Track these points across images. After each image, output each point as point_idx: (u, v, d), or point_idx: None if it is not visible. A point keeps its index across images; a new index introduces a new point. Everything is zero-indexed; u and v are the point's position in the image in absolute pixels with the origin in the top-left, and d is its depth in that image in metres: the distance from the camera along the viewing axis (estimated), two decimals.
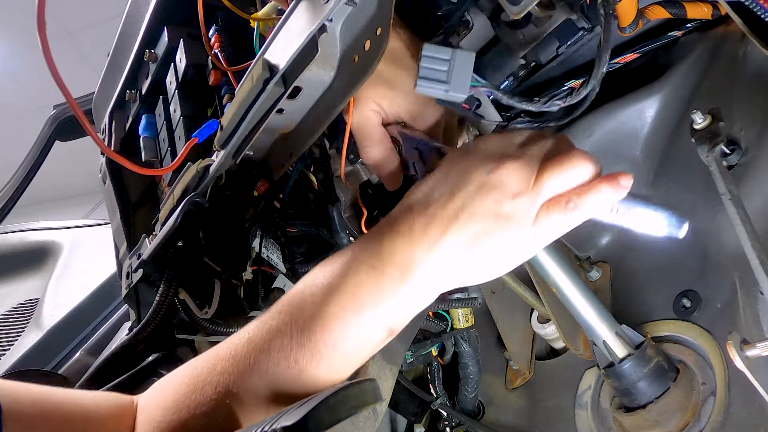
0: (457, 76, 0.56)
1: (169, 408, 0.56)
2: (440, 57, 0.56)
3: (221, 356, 0.56)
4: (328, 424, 0.39)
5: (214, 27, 0.80)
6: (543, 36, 0.62)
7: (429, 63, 0.56)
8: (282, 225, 0.82)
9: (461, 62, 0.56)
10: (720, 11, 0.63)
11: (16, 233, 1.82)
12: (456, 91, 0.56)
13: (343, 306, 0.52)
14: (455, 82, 0.56)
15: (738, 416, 0.61)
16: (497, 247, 0.52)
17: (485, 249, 0.52)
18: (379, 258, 0.52)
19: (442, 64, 0.56)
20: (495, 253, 0.52)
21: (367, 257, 0.53)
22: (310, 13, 0.55)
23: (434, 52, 0.56)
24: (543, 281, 0.71)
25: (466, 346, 0.86)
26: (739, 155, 0.62)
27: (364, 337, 0.53)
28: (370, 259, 0.52)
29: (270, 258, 0.87)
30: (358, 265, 0.53)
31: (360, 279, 0.52)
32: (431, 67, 0.55)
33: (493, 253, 0.52)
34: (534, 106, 0.62)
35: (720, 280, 0.67)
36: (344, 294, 0.52)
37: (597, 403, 0.75)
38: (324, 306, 0.52)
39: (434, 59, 0.56)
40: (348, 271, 0.53)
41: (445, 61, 0.55)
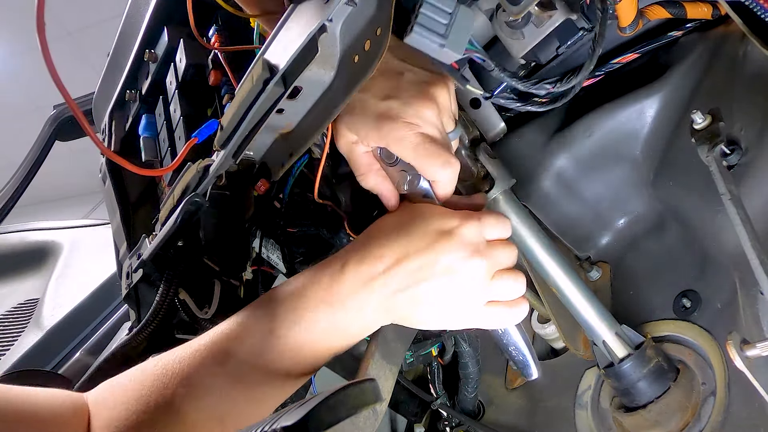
0: (455, 32, 0.52)
1: (122, 406, 0.57)
2: (443, 8, 0.52)
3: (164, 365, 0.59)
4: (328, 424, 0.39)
5: (214, 27, 0.80)
6: (543, 36, 0.62)
7: (429, 11, 0.52)
8: (282, 225, 0.82)
9: (462, 19, 0.53)
10: (720, 11, 0.63)
11: (16, 233, 1.82)
12: (452, 47, 0.53)
13: (298, 339, 0.58)
14: (453, 39, 0.53)
15: (738, 416, 0.61)
16: (439, 302, 0.57)
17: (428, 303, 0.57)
18: (338, 299, 0.57)
19: (443, 16, 0.52)
20: (436, 308, 0.58)
21: (323, 296, 0.58)
22: (310, 13, 0.55)
23: (438, 0, 0.52)
24: (543, 281, 0.70)
25: (466, 346, 0.86)
26: (739, 155, 0.62)
27: (316, 356, 0.59)
28: (326, 297, 0.58)
29: (270, 258, 0.87)
30: (315, 303, 0.58)
31: (317, 317, 0.57)
32: (431, 16, 0.52)
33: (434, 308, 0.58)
34: (523, 84, 0.62)
35: (720, 280, 0.67)
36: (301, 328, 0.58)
37: (597, 403, 0.75)
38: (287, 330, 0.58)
39: (436, 8, 0.52)
40: (306, 307, 0.58)
41: (447, 14, 0.52)
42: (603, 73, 0.70)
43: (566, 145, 0.76)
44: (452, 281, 0.56)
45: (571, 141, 0.75)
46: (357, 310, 0.57)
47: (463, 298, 0.58)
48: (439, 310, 0.58)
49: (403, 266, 0.56)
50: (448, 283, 0.56)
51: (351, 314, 0.57)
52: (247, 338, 0.58)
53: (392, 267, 0.56)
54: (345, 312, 0.57)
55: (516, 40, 0.64)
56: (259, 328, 0.58)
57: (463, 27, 0.53)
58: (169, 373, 0.58)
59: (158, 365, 0.59)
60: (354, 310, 0.57)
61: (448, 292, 0.57)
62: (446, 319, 0.59)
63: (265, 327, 0.58)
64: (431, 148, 0.57)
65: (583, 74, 0.60)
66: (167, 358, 0.60)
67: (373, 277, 0.56)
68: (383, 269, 0.56)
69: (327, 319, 0.57)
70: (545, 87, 0.62)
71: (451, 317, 0.59)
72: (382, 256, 0.56)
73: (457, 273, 0.56)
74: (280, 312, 0.58)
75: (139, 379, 0.59)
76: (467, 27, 0.54)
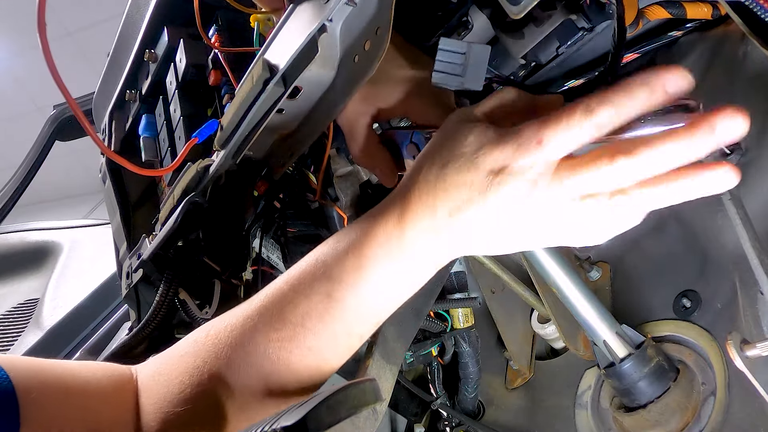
0: (472, 69, 0.55)
1: (177, 380, 0.56)
2: (456, 50, 0.55)
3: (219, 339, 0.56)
4: (328, 424, 0.39)
5: (214, 27, 0.80)
6: (543, 36, 0.62)
7: (444, 57, 0.55)
8: (282, 225, 0.82)
9: (476, 55, 0.55)
10: (720, 11, 0.63)
11: (16, 233, 1.82)
12: (470, 84, 0.56)
13: (361, 298, 0.53)
14: (470, 75, 0.56)
15: (738, 416, 0.61)
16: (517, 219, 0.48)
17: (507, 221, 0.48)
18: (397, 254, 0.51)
19: (457, 57, 0.55)
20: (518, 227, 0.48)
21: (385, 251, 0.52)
22: (310, 13, 0.55)
23: (450, 45, 0.55)
24: (543, 281, 0.71)
25: (466, 346, 0.86)
26: (739, 155, 0.62)
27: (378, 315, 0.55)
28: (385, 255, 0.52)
29: (270, 258, 0.87)
30: (375, 261, 0.52)
31: (379, 274, 0.52)
32: (447, 60, 0.55)
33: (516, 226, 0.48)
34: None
35: (720, 280, 0.67)
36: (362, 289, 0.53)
37: (597, 403, 0.75)
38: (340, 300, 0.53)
39: (450, 53, 0.55)
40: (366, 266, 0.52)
41: (461, 55, 0.55)
42: None
43: None
44: (525, 220, 0.47)
45: None
46: (423, 260, 0.51)
47: (545, 228, 0.48)
48: (521, 240, 0.50)
49: (463, 216, 0.48)
50: (521, 222, 0.47)
51: (417, 265, 0.52)
52: (303, 302, 0.53)
53: (453, 216, 0.49)
54: (409, 265, 0.52)
55: (516, 40, 0.63)
56: (315, 291, 0.53)
57: (478, 63, 0.55)
58: (222, 343, 0.55)
59: (210, 335, 0.57)
60: (420, 261, 0.51)
61: (525, 229, 0.48)
62: (532, 244, 0.51)
63: (321, 290, 0.53)
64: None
65: None
66: (218, 326, 0.57)
67: (436, 228, 0.49)
68: (444, 221, 0.49)
69: (390, 275, 0.52)
70: None
71: (539, 242, 0.50)
72: (436, 207, 0.49)
73: (526, 212, 0.47)
74: (335, 273, 0.53)
75: (191, 351, 0.57)
76: (483, 62, 0.56)
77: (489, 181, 0.47)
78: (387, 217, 0.52)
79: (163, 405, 0.56)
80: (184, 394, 0.55)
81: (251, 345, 0.54)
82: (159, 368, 0.59)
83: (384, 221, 0.52)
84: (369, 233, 0.52)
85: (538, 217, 0.47)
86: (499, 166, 0.46)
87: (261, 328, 0.54)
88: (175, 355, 0.59)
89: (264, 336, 0.54)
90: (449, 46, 0.55)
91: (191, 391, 0.55)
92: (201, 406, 0.54)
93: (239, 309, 0.57)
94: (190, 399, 0.54)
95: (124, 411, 0.57)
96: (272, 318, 0.54)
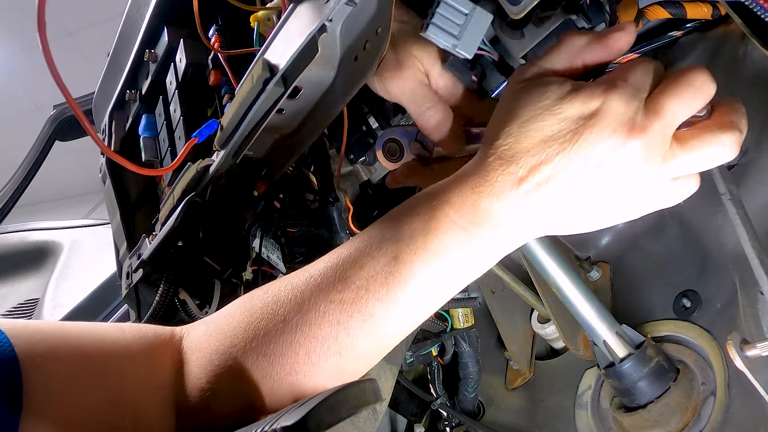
0: (469, 33, 0.53)
1: (230, 333, 0.52)
2: (459, 8, 0.53)
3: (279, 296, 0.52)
4: (328, 424, 0.39)
5: (213, 27, 0.80)
6: (543, 36, 0.62)
7: (445, 11, 0.53)
8: (282, 225, 0.82)
9: (477, 21, 0.53)
10: (720, 11, 0.63)
11: (16, 233, 1.82)
12: (463, 48, 0.53)
13: (427, 265, 0.48)
14: (465, 39, 0.53)
15: (738, 416, 0.61)
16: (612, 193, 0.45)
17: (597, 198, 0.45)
18: (471, 218, 0.47)
19: (459, 16, 0.53)
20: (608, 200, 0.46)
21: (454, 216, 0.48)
22: (310, 13, 0.55)
23: (455, 1, 0.53)
24: (543, 281, 0.70)
25: (466, 346, 0.86)
26: (739, 155, 0.62)
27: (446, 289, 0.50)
28: (459, 220, 0.48)
29: (270, 258, 0.87)
30: (447, 225, 0.48)
31: (450, 240, 0.48)
32: (447, 16, 0.53)
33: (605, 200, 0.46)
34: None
35: (720, 280, 0.67)
36: (429, 253, 0.48)
37: (597, 403, 0.75)
38: (405, 263, 0.48)
39: (452, 8, 0.53)
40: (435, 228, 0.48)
41: (463, 15, 0.53)
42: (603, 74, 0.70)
43: None
44: (616, 178, 0.44)
45: None
46: (496, 230, 0.47)
47: (637, 190, 0.45)
48: (608, 211, 0.47)
49: (547, 175, 0.45)
50: (611, 182, 0.44)
51: (490, 235, 0.47)
52: (368, 263, 0.49)
53: (533, 176, 0.45)
54: (482, 234, 0.47)
55: (516, 41, 0.63)
56: (382, 253, 0.49)
57: (477, 29, 0.53)
58: (281, 301, 0.51)
59: (268, 293, 0.53)
60: (493, 230, 0.47)
61: (614, 192, 0.45)
62: (620, 216, 0.47)
63: (388, 251, 0.49)
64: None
65: None
66: (277, 285, 0.53)
67: (513, 191, 0.45)
68: (525, 187, 0.45)
69: (461, 242, 0.48)
70: None
71: (626, 213, 0.47)
72: (517, 172, 0.45)
73: (617, 167, 0.44)
74: (405, 235, 0.49)
75: (247, 307, 0.53)
76: (481, 29, 0.54)
77: (579, 125, 0.44)
78: (462, 184, 0.48)
79: (213, 359, 0.52)
80: (236, 348, 0.51)
81: (310, 304, 0.50)
82: (211, 325, 0.55)
83: (459, 187, 0.48)
84: (442, 197, 0.48)
85: (628, 182, 0.44)
86: (591, 111, 0.44)
87: (324, 287, 0.50)
88: (230, 312, 0.55)
89: (325, 296, 0.50)
90: (454, 1, 0.53)
91: (244, 345, 0.51)
92: (251, 363, 0.50)
93: (303, 269, 0.53)
94: (241, 356, 0.51)
95: (158, 371, 0.53)
96: (335, 278, 0.50)
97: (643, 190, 0.45)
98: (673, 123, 0.44)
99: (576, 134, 0.44)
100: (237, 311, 0.54)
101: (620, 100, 0.44)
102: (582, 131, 0.44)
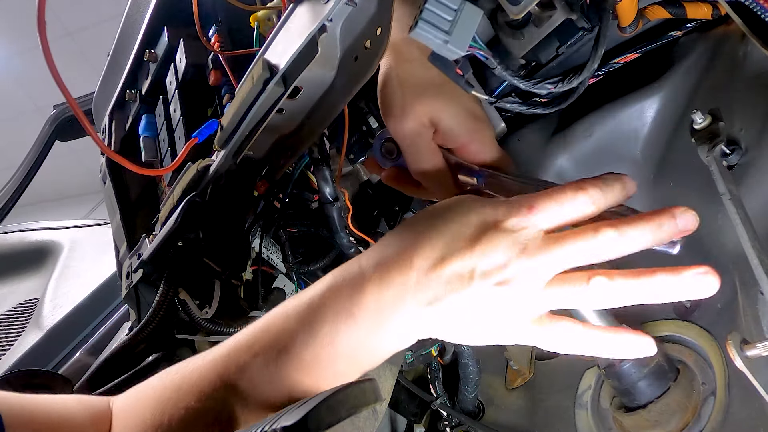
0: (460, 29, 0.52)
1: (149, 414, 0.55)
2: (448, 3, 0.52)
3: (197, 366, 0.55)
4: (328, 423, 0.39)
5: (214, 27, 0.80)
6: (543, 36, 0.62)
7: (434, 6, 0.52)
8: (282, 225, 0.82)
9: (467, 16, 0.52)
10: (720, 11, 0.63)
11: (16, 233, 1.81)
12: (455, 44, 0.52)
13: (320, 351, 0.49)
14: (456, 35, 0.52)
15: (738, 416, 0.61)
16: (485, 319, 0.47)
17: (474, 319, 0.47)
18: (361, 309, 0.48)
19: (448, 12, 0.52)
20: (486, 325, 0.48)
21: (347, 305, 0.49)
22: (310, 13, 0.55)
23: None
24: None
25: (466, 346, 0.86)
26: (739, 155, 0.62)
27: (338, 375, 0.51)
28: (349, 307, 0.49)
29: (270, 258, 0.87)
30: (335, 312, 0.49)
31: (338, 327, 0.49)
32: (435, 11, 0.52)
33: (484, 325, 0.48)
34: (524, 84, 0.62)
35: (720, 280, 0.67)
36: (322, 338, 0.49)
37: (597, 403, 0.75)
38: (301, 348, 0.49)
39: (441, 4, 0.52)
40: (325, 319, 0.49)
41: (452, 10, 0.52)
42: (603, 73, 0.70)
43: (566, 146, 0.76)
44: (494, 291, 0.45)
45: (571, 141, 0.75)
46: (382, 325, 0.48)
47: (507, 312, 0.46)
48: (478, 327, 0.48)
49: (437, 273, 0.46)
50: (487, 295, 0.46)
51: (376, 329, 0.48)
52: (259, 355, 0.51)
53: (426, 274, 0.46)
54: (369, 326, 0.48)
55: (516, 41, 0.63)
56: (270, 348, 0.50)
57: (467, 24, 0.53)
58: (179, 380, 0.55)
59: (171, 372, 0.57)
60: (379, 324, 0.48)
61: (486, 306, 0.46)
62: (489, 336, 0.48)
63: (279, 344, 0.50)
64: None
65: (586, 74, 0.60)
66: (181, 365, 0.57)
67: (403, 287, 0.47)
68: (415, 278, 0.47)
69: (348, 334, 0.48)
70: (546, 87, 0.62)
71: (495, 335, 0.48)
72: (412, 261, 0.47)
73: (498, 281, 0.45)
74: (293, 326, 0.50)
75: (159, 389, 0.56)
76: (472, 24, 0.53)
77: (479, 233, 0.47)
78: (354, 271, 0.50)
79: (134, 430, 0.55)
80: (154, 419, 0.54)
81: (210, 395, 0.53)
82: (130, 401, 0.59)
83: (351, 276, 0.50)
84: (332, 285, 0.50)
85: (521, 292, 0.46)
86: (492, 221, 0.47)
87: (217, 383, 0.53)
88: (145, 390, 0.59)
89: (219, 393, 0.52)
90: None
91: (161, 417, 0.53)
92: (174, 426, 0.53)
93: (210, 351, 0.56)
94: (159, 424, 0.53)
95: None
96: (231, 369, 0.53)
97: (519, 316, 0.47)
98: (560, 266, 0.46)
99: (481, 236, 0.47)
100: (152, 392, 0.57)
101: (518, 220, 0.47)
102: (484, 236, 0.47)
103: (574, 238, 0.46)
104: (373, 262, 0.49)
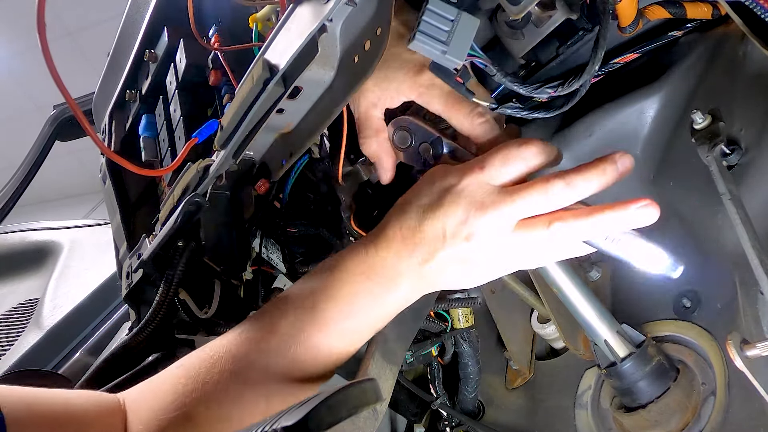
0: (457, 39, 0.54)
1: (166, 406, 0.57)
2: (445, 15, 0.53)
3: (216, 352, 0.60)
4: (329, 423, 0.39)
5: (214, 27, 0.80)
6: (543, 36, 0.62)
7: (431, 18, 0.53)
8: (282, 225, 0.82)
9: (464, 26, 0.54)
10: (720, 11, 0.63)
11: (16, 233, 1.81)
12: (453, 54, 0.54)
13: (340, 311, 0.58)
14: (454, 45, 0.54)
15: (738, 416, 0.61)
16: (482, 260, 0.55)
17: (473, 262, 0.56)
18: (372, 270, 0.58)
19: (445, 23, 0.53)
20: (482, 266, 0.56)
21: (361, 269, 0.58)
22: (310, 13, 0.55)
23: (440, 8, 0.53)
24: (543, 281, 0.70)
25: (466, 346, 0.86)
26: (739, 155, 0.62)
27: (356, 335, 0.60)
28: (365, 271, 0.58)
29: (270, 258, 0.87)
30: (353, 276, 0.58)
31: (356, 289, 0.58)
32: (433, 23, 0.53)
33: (480, 266, 0.56)
34: (525, 89, 0.62)
35: (720, 280, 0.67)
36: (341, 301, 0.58)
37: (597, 403, 0.75)
38: (321, 311, 0.58)
39: (438, 16, 0.53)
40: (344, 280, 0.59)
41: (449, 21, 0.53)
42: (603, 73, 0.70)
43: (566, 146, 0.76)
44: (467, 245, 0.54)
45: (572, 141, 0.75)
46: (392, 281, 0.57)
47: (486, 257, 0.55)
48: (471, 274, 0.57)
49: (420, 237, 0.55)
50: (463, 249, 0.54)
51: (388, 284, 0.57)
52: (291, 313, 0.59)
53: (411, 238, 0.56)
54: (382, 283, 0.58)
55: (516, 41, 0.63)
56: (299, 304, 0.59)
57: (465, 34, 0.54)
58: (217, 356, 0.60)
59: (205, 350, 0.61)
60: (389, 281, 0.57)
61: (466, 257, 0.55)
62: (478, 278, 0.57)
63: (306, 303, 0.59)
64: (462, 97, 0.59)
65: (586, 76, 0.60)
66: (215, 343, 0.62)
67: (397, 253, 0.57)
68: (404, 244, 0.56)
69: (365, 291, 0.58)
70: (547, 91, 0.62)
71: (482, 275, 0.57)
72: (401, 228, 0.57)
73: (466, 236, 0.54)
74: (318, 287, 0.59)
75: (186, 365, 0.61)
76: (469, 34, 0.54)
77: (441, 197, 0.55)
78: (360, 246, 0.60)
79: (156, 414, 0.58)
80: (176, 402, 0.57)
81: (241, 355, 0.59)
82: (144, 388, 0.62)
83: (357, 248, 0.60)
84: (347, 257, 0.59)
85: (484, 241, 0.54)
86: (450, 184, 0.55)
87: (253, 339, 0.60)
88: (155, 383, 0.62)
89: (255, 346, 0.59)
90: (438, 8, 0.53)
91: (183, 399, 0.57)
92: (192, 411, 0.57)
93: (237, 327, 0.63)
94: (181, 405, 0.57)
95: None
96: (263, 330, 0.60)
97: (498, 258, 0.55)
98: (523, 212, 0.53)
99: (441, 199, 0.55)
100: (166, 374, 0.62)
101: (470, 180, 0.55)
102: (443, 199, 0.55)
103: (526, 190, 0.53)
104: (372, 237, 0.59)
